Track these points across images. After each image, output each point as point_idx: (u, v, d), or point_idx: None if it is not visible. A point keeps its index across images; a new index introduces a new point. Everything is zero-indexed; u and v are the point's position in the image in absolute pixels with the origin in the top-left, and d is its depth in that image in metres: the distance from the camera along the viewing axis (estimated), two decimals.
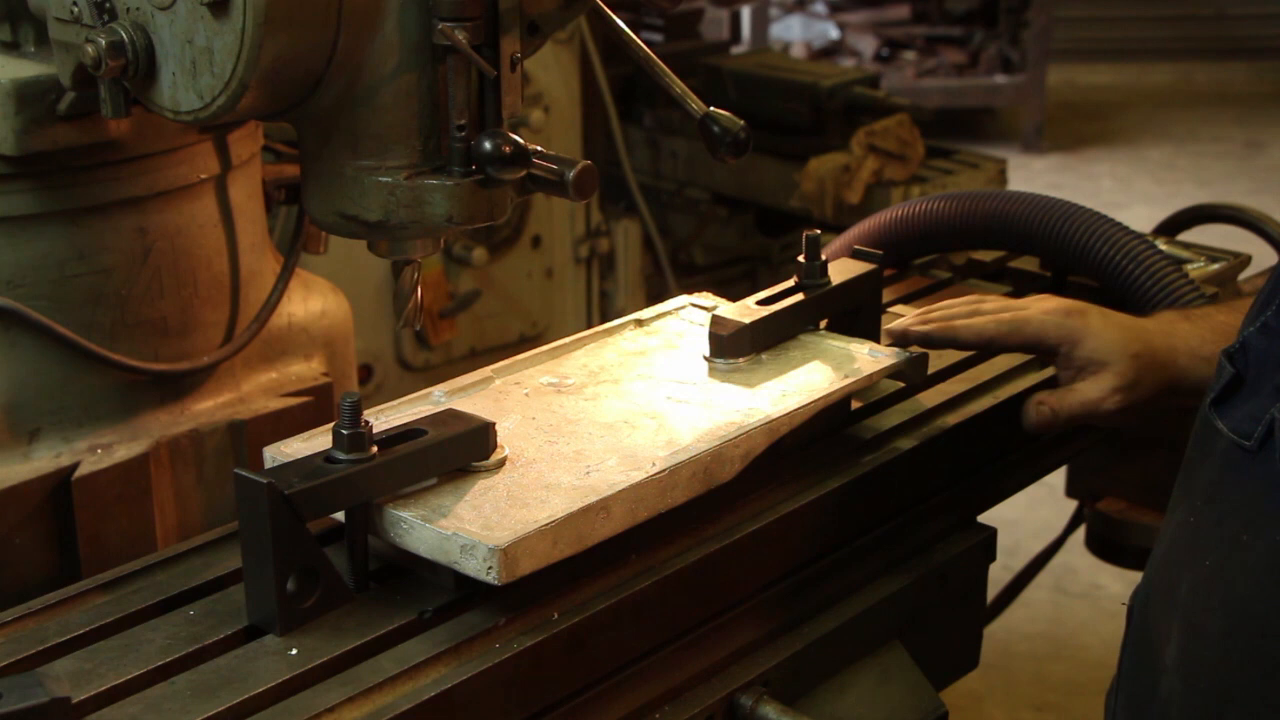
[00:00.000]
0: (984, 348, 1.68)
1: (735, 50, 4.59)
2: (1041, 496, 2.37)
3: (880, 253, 1.72)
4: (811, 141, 3.47)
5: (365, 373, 3.16)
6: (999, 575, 2.06)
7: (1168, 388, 1.60)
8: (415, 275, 1.51)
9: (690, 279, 3.71)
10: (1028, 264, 2.06)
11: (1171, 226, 2.30)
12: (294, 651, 1.19)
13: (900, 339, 1.65)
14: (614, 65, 3.63)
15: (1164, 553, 1.34)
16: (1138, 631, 1.38)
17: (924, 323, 1.66)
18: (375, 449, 1.25)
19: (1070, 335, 1.60)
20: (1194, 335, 1.61)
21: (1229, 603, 1.22)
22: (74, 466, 1.61)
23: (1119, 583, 3.56)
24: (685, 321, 1.69)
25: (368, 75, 1.35)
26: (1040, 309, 1.63)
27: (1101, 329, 1.60)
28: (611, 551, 1.31)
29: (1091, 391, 1.59)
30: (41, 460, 1.61)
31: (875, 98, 3.51)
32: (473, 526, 1.24)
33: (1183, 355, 1.60)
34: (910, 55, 7.62)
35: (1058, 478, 2.04)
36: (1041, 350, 1.66)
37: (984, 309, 1.67)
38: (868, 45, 7.65)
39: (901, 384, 1.62)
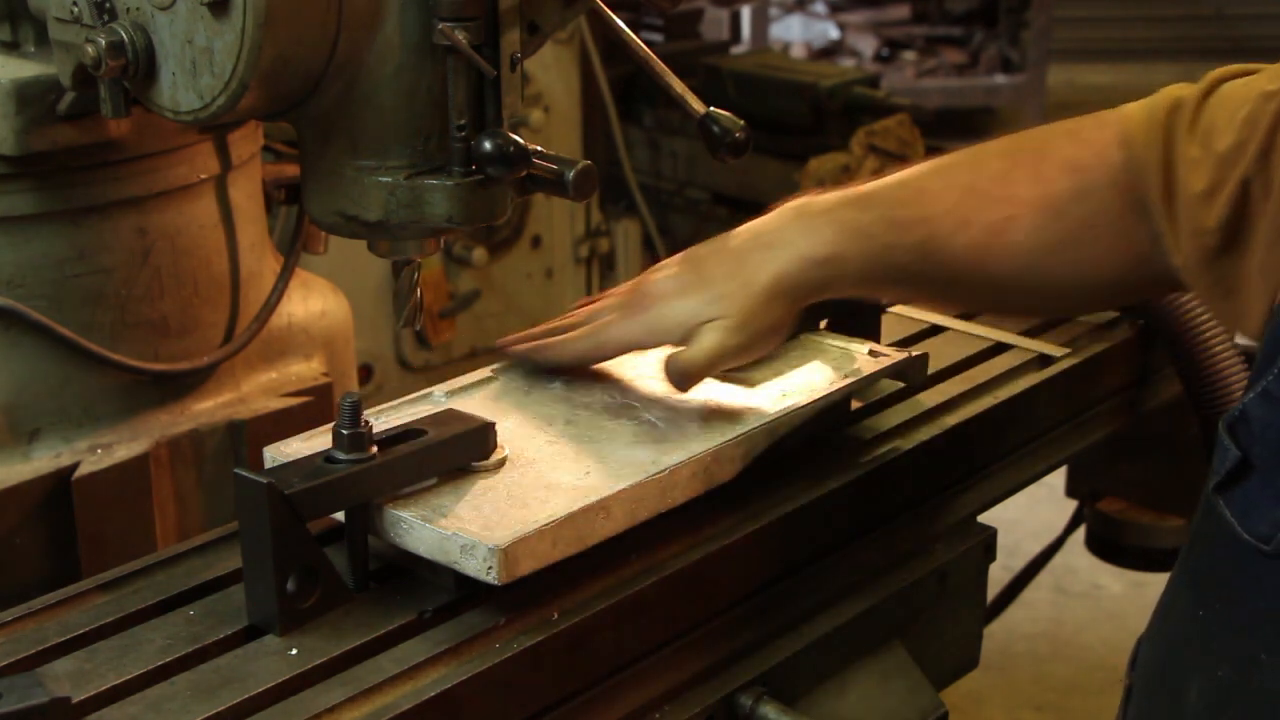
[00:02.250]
0: (580, 364, 1.55)
1: (735, 50, 4.59)
2: (1041, 496, 2.37)
3: None
4: (811, 141, 3.47)
5: (365, 373, 3.16)
6: (999, 575, 2.05)
7: (787, 300, 1.46)
8: (415, 275, 1.51)
9: None
10: None
11: None
12: (294, 651, 1.19)
13: (504, 354, 1.57)
14: (614, 65, 3.63)
15: (1170, 638, 1.28)
16: (1137, 713, 1.33)
17: (525, 339, 1.57)
18: (375, 449, 1.25)
19: (651, 328, 1.47)
20: (801, 236, 1.46)
21: None
22: (74, 466, 1.61)
23: (1119, 583, 3.57)
24: None
25: (368, 75, 1.35)
26: (622, 312, 1.50)
27: (678, 302, 1.45)
28: (611, 551, 1.31)
29: (703, 343, 1.43)
30: (41, 460, 1.61)
31: (875, 98, 3.51)
32: (473, 526, 1.24)
33: (785, 261, 1.45)
34: (910, 55, 7.62)
35: (1058, 478, 2.04)
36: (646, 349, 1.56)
37: (574, 321, 1.56)
38: (868, 45, 7.65)
39: (901, 384, 1.62)
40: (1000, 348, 1.80)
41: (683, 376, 1.45)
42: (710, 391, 1.51)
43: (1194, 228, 1.37)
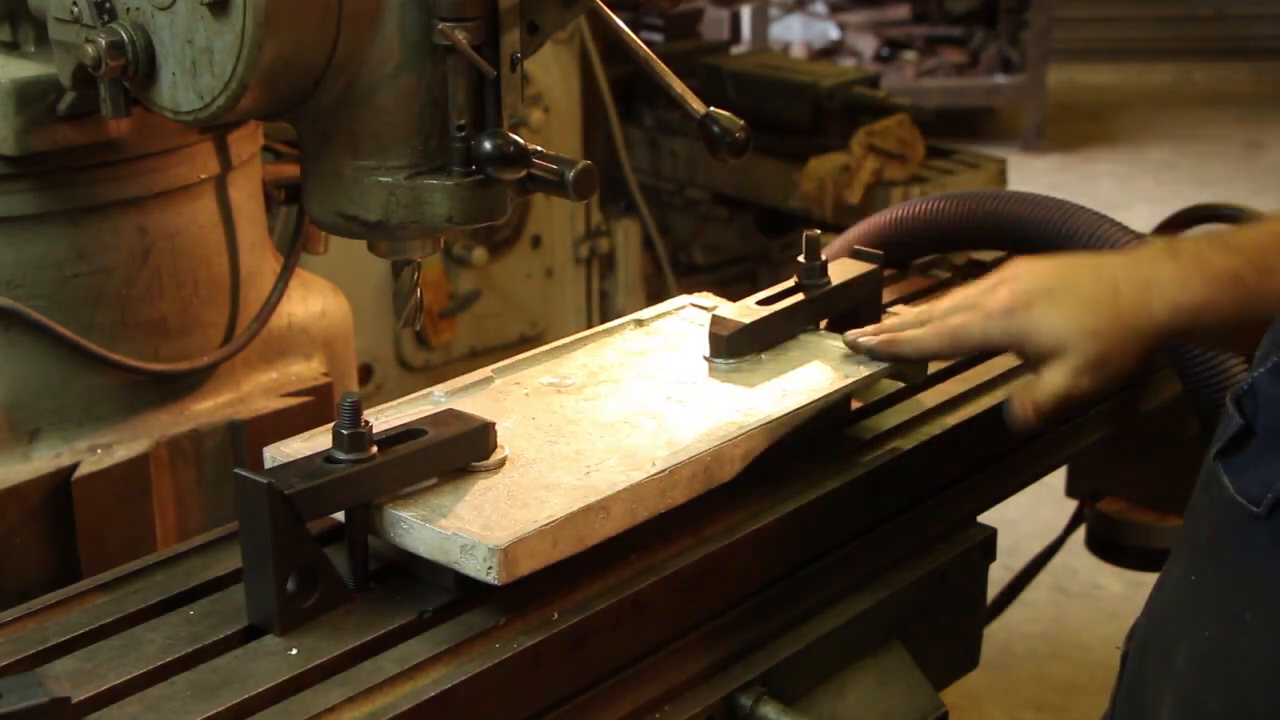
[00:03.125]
0: (932, 359, 1.59)
1: (735, 50, 4.59)
2: (1041, 496, 2.37)
3: (880, 253, 1.72)
4: (811, 141, 3.47)
5: (365, 373, 3.17)
6: (999, 575, 2.06)
7: (1146, 347, 1.46)
8: (415, 275, 1.51)
9: (690, 279, 3.72)
10: None
11: (1171, 226, 2.30)
12: (294, 651, 1.19)
13: (852, 348, 1.58)
14: (614, 65, 3.63)
15: (1163, 605, 1.30)
16: (1131, 682, 1.34)
17: (873, 334, 1.58)
18: (375, 449, 1.25)
19: (1016, 336, 1.47)
20: (1174, 281, 1.44)
21: (1229, 687, 1.18)
22: (74, 466, 1.61)
23: (1119, 583, 3.56)
24: (685, 321, 1.69)
25: (368, 75, 1.35)
26: (985, 311, 1.49)
27: (1049, 316, 1.45)
28: (611, 551, 1.31)
29: (1057, 381, 1.45)
30: (41, 460, 1.61)
31: (875, 98, 3.51)
32: (473, 526, 1.24)
33: (1159, 308, 1.43)
34: (910, 55, 7.62)
35: (1058, 478, 2.04)
36: (996, 352, 1.58)
37: (934, 313, 1.56)
38: (868, 45, 7.65)
39: (901, 384, 1.62)
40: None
41: (1035, 411, 1.44)
42: (710, 392, 1.51)
43: None
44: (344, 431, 1.24)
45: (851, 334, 1.58)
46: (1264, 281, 1.41)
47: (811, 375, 1.55)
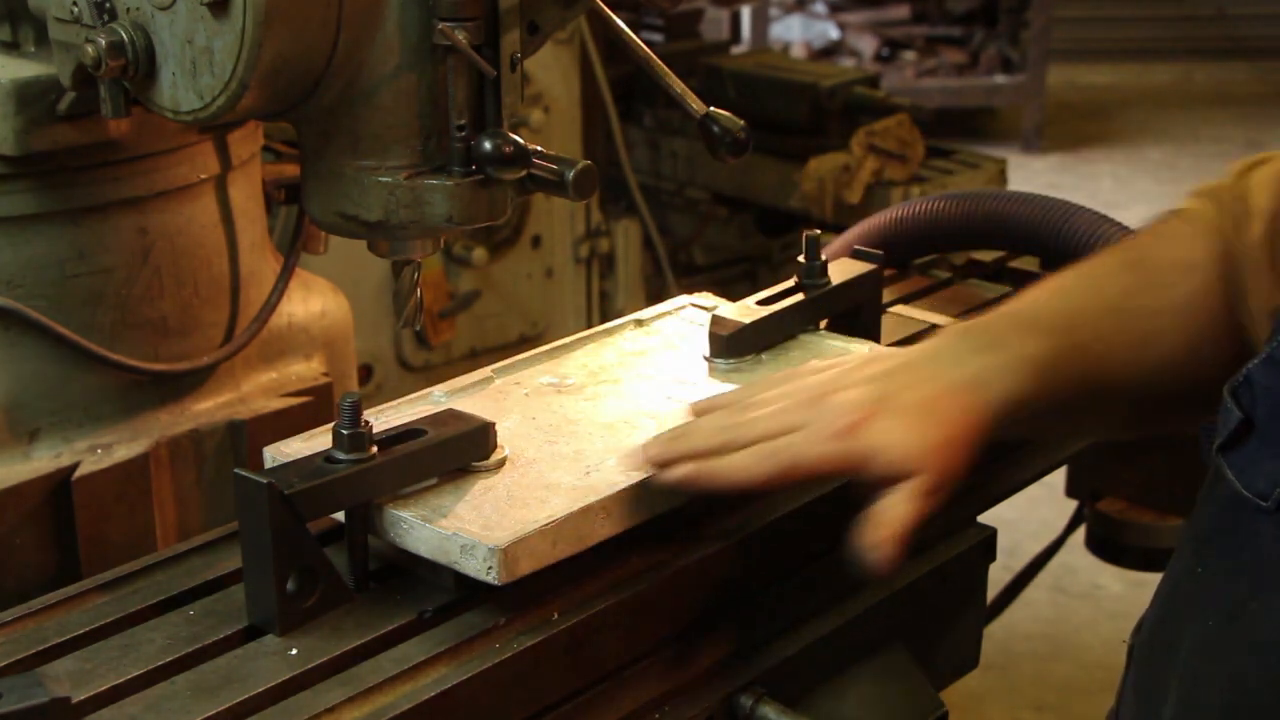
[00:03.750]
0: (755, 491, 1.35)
1: (735, 50, 4.59)
2: (1041, 496, 2.37)
3: (880, 253, 1.72)
4: (811, 141, 3.47)
5: (365, 373, 3.17)
6: (999, 575, 2.05)
7: (979, 449, 1.35)
8: (415, 275, 1.51)
9: (690, 279, 3.72)
10: (1028, 264, 2.06)
11: None
12: (294, 651, 1.19)
13: (655, 478, 1.34)
14: (614, 65, 3.64)
15: (1167, 596, 1.30)
16: (1138, 676, 1.33)
17: (675, 452, 1.34)
18: (375, 449, 1.25)
19: (858, 460, 1.30)
20: (1001, 375, 1.35)
21: (1231, 677, 1.17)
22: (74, 466, 1.61)
23: (1119, 583, 3.56)
24: (685, 321, 1.69)
25: (368, 75, 1.35)
26: (818, 433, 1.31)
27: (892, 434, 1.30)
28: (611, 551, 1.31)
29: (910, 505, 1.29)
30: (41, 460, 1.61)
31: (875, 98, 3.51)
32: (473, 526, 1.24)
33: (994, 405, 1.34)
34: (910, 55, 7.62)
35: (1058, 478, 2.04)
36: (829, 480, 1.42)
37: (746, 435, 1.32)
38: (868, 45, 7.65)
39: None
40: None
41: (896, 544, 1.27)
42: (710, 392, 1.51)
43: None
44: (344, 431, 1.24)
45: (651, 454, 1.34)
46: (1078, 362, 1.38)
47: None
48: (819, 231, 1.66)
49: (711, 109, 1.51)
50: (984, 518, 1.65)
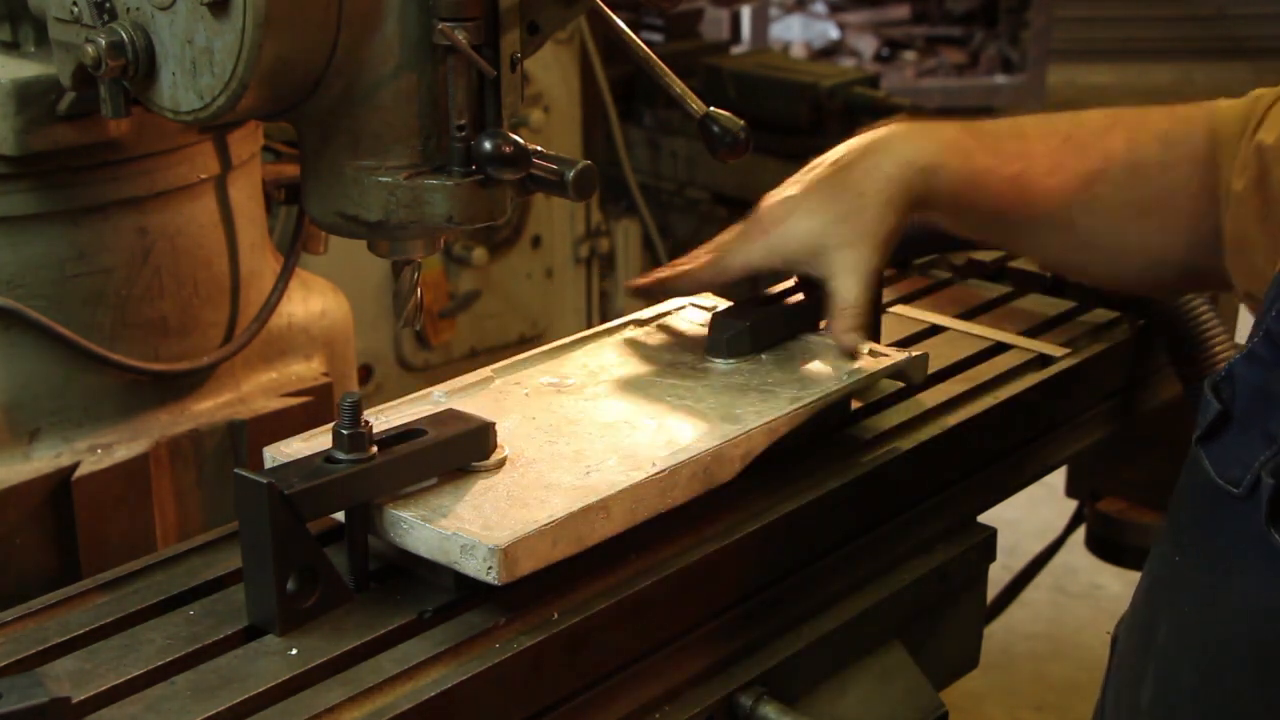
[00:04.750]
0: (706, 289, 1.61)
1: (735, 50, 4.59)
2: (1041, 496, 2.37)
3: None
4: (811, 141, 3.46)
5: (365, 373, 3.16)
6: (999, 575, 2.06)
7: (899, 210, 1.50)
8: (415, 275, 1.51)
9: None
10: (1027, 264, 2.06)
11: None
12: (294, 651, 1.19)
13: (629, 292, 1.62)
14: (614, 65, 3.63)
15: (1147, 586, 1.31)
16: (1119, 665, 1.35)
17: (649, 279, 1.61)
18: (375, 449, 1.25)
19: (776, 250, 1.51)
20: (903, 142, 1.52)
21: (1202, 659, 1.19)
22: (74, 466, 1.61)
23: (1119, 583, 3.56)
24: (685, 321, 1.69)
25: (368, 75, 1.35)
26: (743, 234, 1.53)
27: (801, 222, 1.50)
28: (611, 551, 1.31)
29: (847, 287, 1.47)
30: (41, 460, 1.61)
31: (875, 98, 3.51)
32: (473, 526, 1.24)
33: (890, 166, 1.49)
34: (910, 55, 7.62)
35: (1058, 478, 2.04)
36: (767, 280, 1.61)
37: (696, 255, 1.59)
38: (868, 45, 7.66)
39: (901, 384, 1.62)
40: (1000, 348, 1.80)
41: (854, 319, 1.45)
42: (710, 392, 1.51)
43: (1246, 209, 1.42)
44: (344, 431, 1.24)
45: (629, 281, 1.65)
46: (993, 160, 1.50)
47: (811, 375, 1.55)
48: None
49: (711, 109, 1.51)
50: (984, 518, 1.65)
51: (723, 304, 1.68)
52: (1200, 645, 1.20)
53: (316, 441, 1.35)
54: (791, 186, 1.53)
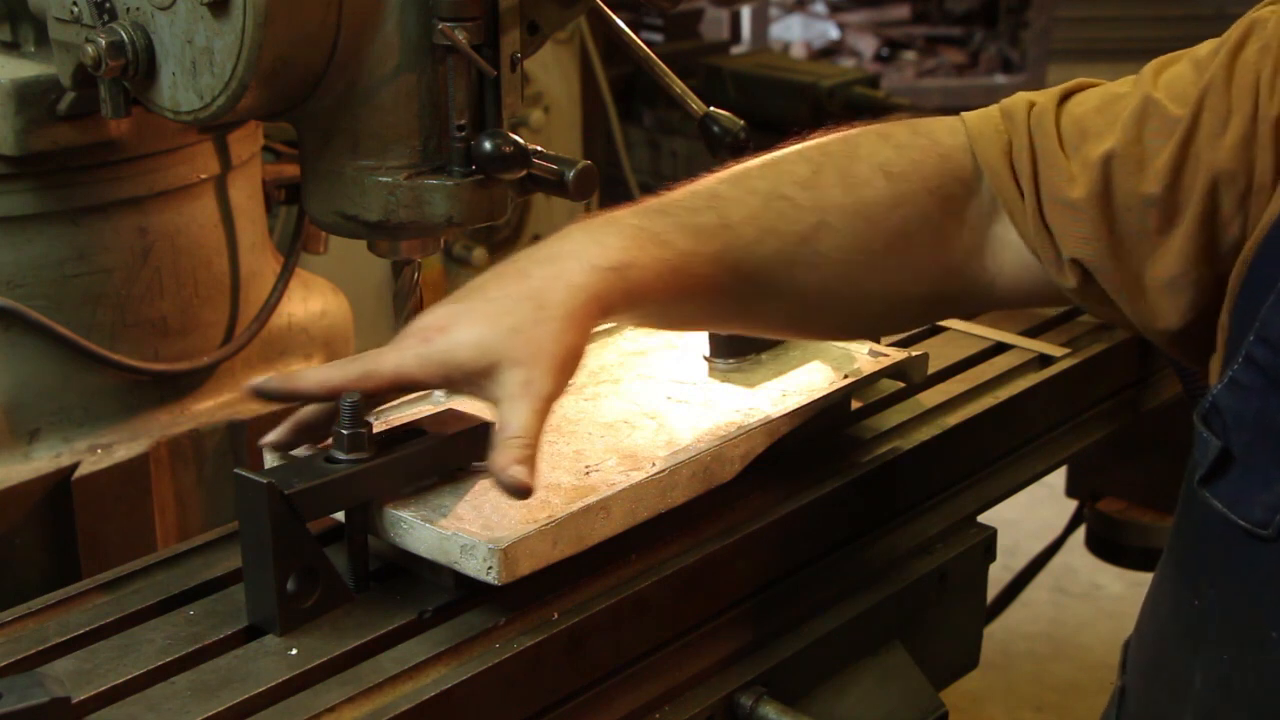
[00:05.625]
0: (335, 396, 1.27)
1: (735, 50, 4.59)
2: (1041, 496, 2.37)
3: None
4: None
5: None
6: (999, 575, 2.06)
7: (584, 323, 1.24)
8: (415, 275, 1.51)
9: None
10: None
11: None
12: (294, 651, 1.19)
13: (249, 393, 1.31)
14: (614, 65, 3.63)
15: (1163, 630, 1.28)
16: (1140, 706, 1.32)
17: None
18: (375, 449, 1.25)
19: (437, 362, 1.23)
20: (586, 245, 1.25)
21: (1256, 699, 1.16)
22: (74, 466, 1.61)
23: (1119, 583, 3.56)
24: None
25: (368, 75, 1.35)
26: (397, 343, 1.27)
27: (467, 332, 1.22)
28: (611, 551, 1.31)
29: (517, 410, 1.19)
30: (41, 460, 1.61)
31: (875, 98, 3.51)
32: (473, 526, 1.24)
33: (575, 274, 1.23)
34: (910, 55, 7.62)
35: (1058, 478, 2.04)
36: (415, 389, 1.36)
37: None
38: (868, 45, 7.66)
39: (901, 384, 1.62)
40: (1000, 348, 1.80)
41: (520, 451, 1.17)
42: (710, 392, 1.51)
43: (1073, 229, 1.32)
44: (344, 431, 1.24)
45: (249, 384, 1.31)
46: (691, 242, 1.29)
47: (811, 375, 1.55)
48: None
49: (711, 109, 1.51)
50: (984, 518, 1.65)
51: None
52: (1249, 693, 1.16)
53: None
54: (463, 293, 1.27)
